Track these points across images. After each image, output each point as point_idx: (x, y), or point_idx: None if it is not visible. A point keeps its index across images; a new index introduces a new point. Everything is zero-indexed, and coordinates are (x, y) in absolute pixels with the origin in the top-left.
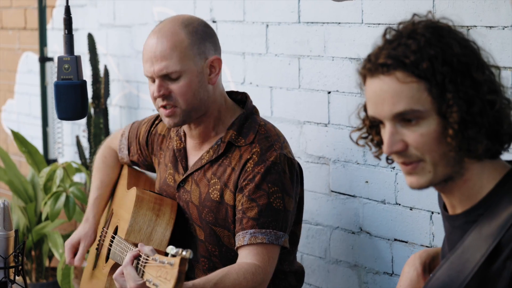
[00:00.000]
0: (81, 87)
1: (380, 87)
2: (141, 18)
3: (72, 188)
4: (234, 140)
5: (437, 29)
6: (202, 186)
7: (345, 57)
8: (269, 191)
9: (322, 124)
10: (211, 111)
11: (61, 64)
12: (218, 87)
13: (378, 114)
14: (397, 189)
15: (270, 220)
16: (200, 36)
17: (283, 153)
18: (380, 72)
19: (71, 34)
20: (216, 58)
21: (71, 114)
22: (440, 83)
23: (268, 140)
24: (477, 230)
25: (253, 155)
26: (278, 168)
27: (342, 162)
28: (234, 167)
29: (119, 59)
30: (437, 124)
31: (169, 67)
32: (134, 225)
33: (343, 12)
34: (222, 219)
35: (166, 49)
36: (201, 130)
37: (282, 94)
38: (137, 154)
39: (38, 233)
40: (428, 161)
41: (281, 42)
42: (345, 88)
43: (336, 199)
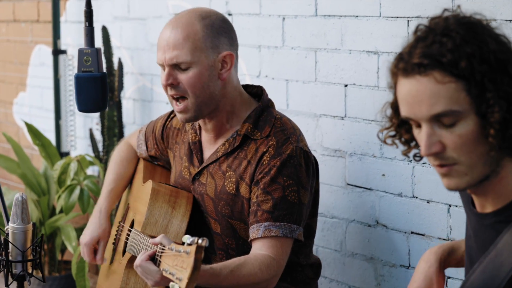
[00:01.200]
0: (101, 79)
1: (416, 88)
2: (155, 11)
3: (86, 181)
4: (250, 133)
5: (471, 25)
6: (218, 178)
7: (363, 50)
8: (284, 184)
9: (338, 117)
10: (223, 106)
11: (81, 56)
12: (231, 83)
13: (414, 115)
14: (414, 182)
15: (284, 213)
16: (216, 30)
17: (299, 146)
18: (416, 72)
19: (92, 26)
20: (229, 54)
21: (92, 107)
22: (480, 82)
23: (284, 133)
24: (511, 233)
25: (269, 148)
26: (294, 161)
27: (359, 155)
28: (250, 160)
29: (133, 52)
30: (475, 124)
31: (180, 57)
32: (150, 217)
33: (360, 5)
34: (238, 212)
35: (179, 38)
36: (215, 124)
37: (298, 87)
38: (154, 149)
39: (51, 226)
40: (464, 163)
41: (297, 35)
42: (362, 81)
43: (352, 192)
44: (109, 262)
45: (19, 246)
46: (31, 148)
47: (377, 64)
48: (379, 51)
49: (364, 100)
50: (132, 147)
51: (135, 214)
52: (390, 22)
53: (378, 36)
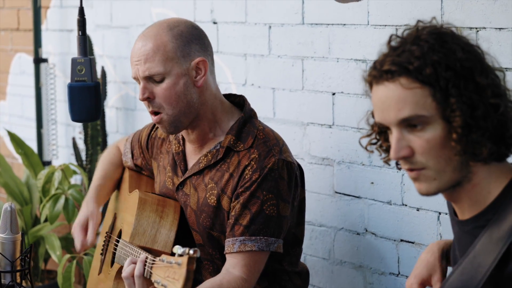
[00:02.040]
0: (95, 88)
1: (385, 94)
2: (138, 19)
3: (70, 191)
4: (233, 145)
5: (441, 35)
6: (200, 190)
7: (350, 58)
8: (263, 199)
9: (326, 125)
10: (204, 114)
11: (75, 65)
12: (209, 89)
13: (384, 120)
14: (403, 190)
15: (261, 227)
16: (185, 38)
17: (281, 158)
18: (385, 79)
19: (85, 35)
20: (201, 60)
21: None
22: (444, 88)
23: (266, 144)
24: (487, 235)
25: (252, 162)
26: (275, 175)
27: (347, 163)
28: (232, 173)
29: (115, 60)
30: (442, 129)
31: (152, 69)
32: (138, 227)
33: (348, 14)
34: (219, 224)
35: (149, 51)
36: (198, 133)
37: (285, 96)
38: (141, 158)
39: (34, 236)
40: (432, 168)
41: (284, 43)
42: (350, 89)
43: (341, 200)
44: (98, 273)
45: (8, 256)
46: (12, 157)
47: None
48: (367, 59)
49: (352, 108)
50: (120, 152)
51: (122, 224)
52: (378, 30)
53: (366, 44)
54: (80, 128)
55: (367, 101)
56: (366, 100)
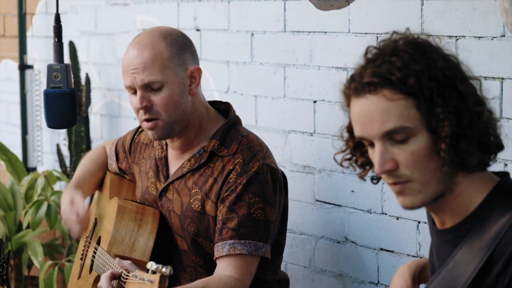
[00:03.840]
0: (71, 95)
1: (367, 107)
2: (123, 26)
3: (53, 197)
4: (217, 150)
5: (419, 45)
6: (183, 195)
7: (332, 66)
8: (250, 202)
9: (307, 133)
10: (192, 122)
11: (50, 72)
12: (199, 97)
13: (366, 134)
14: (383, 198)
15: (250, 230)
16: (179, 47)
17: (266, 163)
18: (367, 91)
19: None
20: (196, 68)
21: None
22: (428, 98)
23: (251, 150)
24: (468, 245)
25: (236, 166)
26: (260, 178)
27: (328, 171)
28: (216, 177)
29: (100, 67)
30: (426, 140)
31: (151, 77)
32: (116, 236)
33: (329, 21)
34: (204, 230)
35: (147, 60)
36: (183, 141)
37: (267, 103)
38: (125, 161)
39: (17, 242)
40: (417, 181)
41: (266, 51)
42: (331, 97)
43: (322, 208)
44: (77, 277)
45: None
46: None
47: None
48: (348, 67)
49: (333, 116)
50: (105, 153)
51: (102, 231)
52: (359, 38)
53: (347, 52)
54: (64, 135)
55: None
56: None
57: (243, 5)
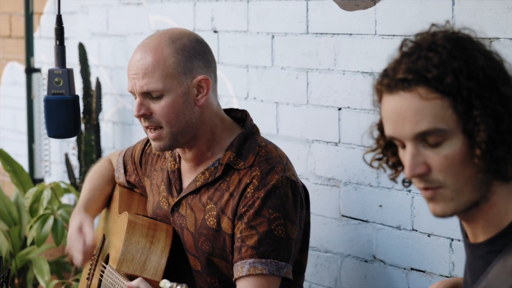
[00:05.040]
0: (73, 102)
1: (400, 105)
2: (136, 27)
3: (60, 211)
4: (233, 163)
5: (459, 40)
6: (197, 211)
7: (357, 71)
8: (270, 218)
9: (332, 143)
10: (202, 134)
11: (51, 77)
12: (210, 108)
13: (398, 134)
14: (414, 214)
15: (271, 249)
16: (188, 53)
17: (285, 175)
18: (400, 88)
19: (63, 45)
20: (204, 78)
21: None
22: (466, 99)
23: (269, 162)
24: (502, 262)
25: (253, 179)
26: (279, 192)
27: (354, 184)
28: (232, 192)
29: (112, 71)
30: (462, 144)
31: (150, 85)
32: (127, 253)
33: (355, 23)
34: (219, 249)
35: (149, 65)
36: (195, 153)
37: (288, 111)
38: (134, 174)
39: (22, 259)
40: (450, 187)
41: (287, 54)
42: (357, 104)
43: (347, 224)
44: None
45: None
46: (2, 174)
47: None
48: (374, 71)
49: (360, 125)
50: (112, 166)
51: (110, 248)
52: (386, 41)
53: (373, 55)
54: (74, 144)
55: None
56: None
57: (263, 5)
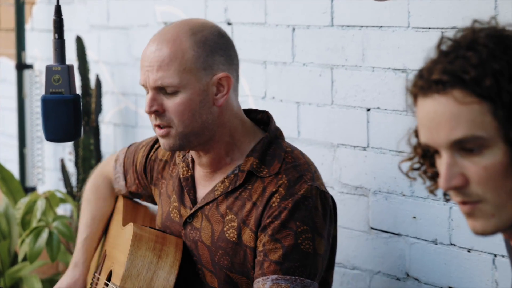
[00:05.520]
0: (73, 102)
1: (434, 109)
2: (140, 18)
3: (56, 223)
4: (256, 170)
5: (502, 39)
6: (215, 222)
7: (388, 67)
8: (297, 231)
9: (360, 147)
10: (220, 136)
11: (50, 75)
12: (230, 109)
13: (432, 141)
14: (452, 226)
15: (296, 265)
16: (209, 47)
17: (315, 185)
18: (435, 90)
19: (63, 39)
20: (225, 76)
21: (61, 135)
22: (508, 103)
23: (296, 169)
24: None
25: (280, 188)
26: (309, 203)
27: (384, 193)
28: (255, 201)
29: (113, 67)
30: (503, 154)
31: (165, 79)
32: (132, 269)
33: (385, 14)
34: (239, 264)
35: (164, 57)
36: (212, 157)
37: (311, 112)
38: (136, 185)
39: (12, 277)
40: (490, 201)
41: (310, 49)
42: (388, 104)
43: (377, 238)
44: None
45: None
46: None
47: (406, 84)
48: (407, 68)
49: (391, 127)
50: (108, 181)
51: (113, 264)
52: (421, 34)
53: (406, 50)
54: (70, 148)
55: (408, 118)
56: (407, 118)
57: None
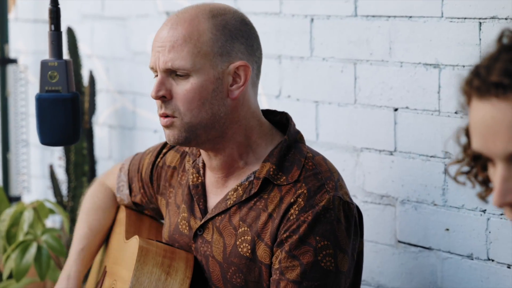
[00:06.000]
0: (72, 101)
1: (491, 115)
2: (139, 8)
3: (45, 236)
4: (273, 177)
5: None
6: (227, 235)
7: (418, 62)
8: (316, 246)
9: (386, 151)
10: (232, 134)
11: (45, 71)
12: (246, 105)
13: (487, 149)
14: (489, 239)
15: (316, 284)
16: (229, 32)
17: (337, 195)
18: (493, 94)
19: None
20: (243, 65)
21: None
22: None
23: (317, 178)
24: None
25: (298, 198)
26: (330, 216)
27: (414, 202)
28: (271, 213)
29: (108, 62)
30: None
31: (177, 61)
32: (137, 286)
33: (416, 2)
34: (254, 282)
35: (178, 38)
36: (223, 159)
37: (331, 112)
38: (141, 194)
39: None
40: None
41: (330, 42)
42: (418, 104)
43: (405, 252)
44: None
45: None
46: None
47: (438, 81)
48: (440, 63)
49: (421, 129)
50: (110, 191)
51: (115, 282)
52: (456, 25)
53: (439, 43)
54: (60, 153)
55: (440, 119)
56: (439, 118)
57: None
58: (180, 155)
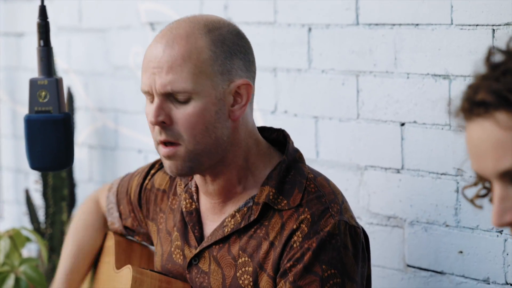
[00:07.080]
0: (64, 122)
1: (477, 135)
2: (120, 19)
3: (23, 267)
4: (273, 202)
5: None
6: (226, 266)
7: (426, 73)
8: (323, 276)
9: (392, 169)
10: (232, 158)
11: (34, 90)
12: (245, 125)
13: (481, 170)
14: (507, 262)
15: None
16: (228, 48)
17: (343, 219)
18: (476, 113)
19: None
20: (245, 84)
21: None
22: None
23: (321, 201)
24: None
25: (301, 224)
26: (336, 242)
27: (423, 223)
28: (273, 241)
29: (87, 78)
30: None
31: (176, 84)
32: None
33: (423, 9)
34: None
35: (177, 57)
36: (221, 185)
37: (332, 128)
38: (131, 218)
39: None
40: None
41: (330, 52)
42: (426, 118)
43: (415, 277)
44: None
45: None
46: None
47: (448, 93)
48: (450, 74)
49: (430, 145)
50: (102, 210)
51: None
52: (467, 33)
53: (448, 52)
54: (36, 176)
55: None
56: (449, 133)
57: None
58: (169, 177)
